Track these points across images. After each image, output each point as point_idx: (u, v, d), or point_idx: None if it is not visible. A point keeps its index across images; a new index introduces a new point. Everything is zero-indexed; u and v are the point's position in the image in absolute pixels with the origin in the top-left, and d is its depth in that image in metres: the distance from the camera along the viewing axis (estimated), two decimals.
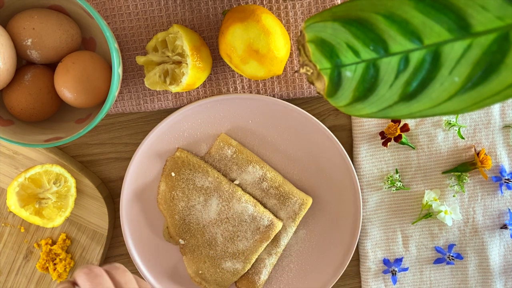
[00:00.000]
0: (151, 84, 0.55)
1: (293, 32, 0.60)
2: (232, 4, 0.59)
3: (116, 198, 0.65)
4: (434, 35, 0.31)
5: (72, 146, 0.64)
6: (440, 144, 0.62)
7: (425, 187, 0.63)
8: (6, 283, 0.63)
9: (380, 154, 0.62)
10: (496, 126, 0.62)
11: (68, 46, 0.54)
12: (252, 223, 0.60)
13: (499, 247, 0.63)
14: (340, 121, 0.63)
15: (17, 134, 0.53)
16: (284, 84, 0.60)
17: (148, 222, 0.62)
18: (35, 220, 0.60)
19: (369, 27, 0.34)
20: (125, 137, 0.64)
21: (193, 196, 0.61)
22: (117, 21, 0.59)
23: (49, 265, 0.62)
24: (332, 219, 0.62)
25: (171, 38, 0.54)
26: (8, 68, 0.51)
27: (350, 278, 0.65)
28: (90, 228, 0.63)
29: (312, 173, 0.61)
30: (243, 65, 0.54)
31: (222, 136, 0.61)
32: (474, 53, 0.30)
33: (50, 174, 0.60)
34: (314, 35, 0.36)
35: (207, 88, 0.61)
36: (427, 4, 0.31)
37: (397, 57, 0.33)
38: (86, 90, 0.52)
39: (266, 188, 0.61)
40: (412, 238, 0.63)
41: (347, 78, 0.36)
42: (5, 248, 0.63)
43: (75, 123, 0.56)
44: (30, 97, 0.53)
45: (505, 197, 0.63)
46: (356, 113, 0.37)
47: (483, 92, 0.31)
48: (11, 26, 0.53)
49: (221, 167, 0.61)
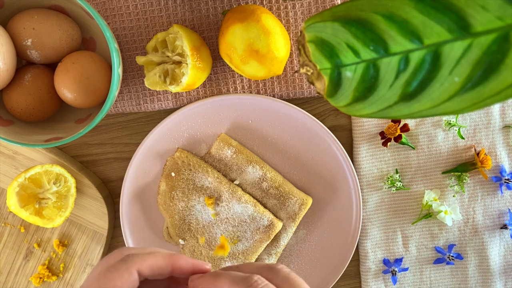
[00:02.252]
0: (151, 84, 0.55)
1: (293, 32, 0.60)
2: (232, 4, 0.59)
3: (116, 198, 0.65)
4: (434, 35, 0.31)
5: (72, 146, 0.64)
6: (440, 144, 0.62)
7: (425, 187, 0.63)
8: (6, 283, 0.63)
9: (380, 154, 0.62)
10: (496, 126, 0.62)
11: (68, 46, 0.54)
12: (252, 223, 0.60)
13: (499, 247, 0.63)
14: (340, 121, 0.63)
15: (17, 134, 0.53)
16: (284, 84, 0.60)
17: (148, 222, 0.62)
18: (35, 220, 0.60)
19: (369, 27, 0.34)
20: (125, 137, 0.64)
21: (193, 196, 0.61)
22: (117, 21, 0.59)
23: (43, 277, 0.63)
24: (332, 219, 0.62)
25: (171, 38, 0.54)
26: (8, 68, 0.51)
27: (350, 278, 0.65)
28: (90, 228, 0.63)
29: (312, 173, 0.61)
30: (243, 65, 0.54)
31: (222, 136, 0.61)
32: (474, 53, 0.30)
33: (50, 174, 0.60)
34: (314, 35, 0.36)
35: (207, 88, 0.61)
36: (427, 4, 0.31)
37: (397, 57, 0.33)
38: (86, 90, 0.52)
39: (266, 188, 0.61)
40: (412, 238, 0.63)
41: (347, 78, 0.36)
42: (5, 248, 0.63)
43: (75, 123, 0.56)
44: (30, 97, 0.53)
45: (505, 197, 0.63)
46: (356, 113, 0.37)
47: (483, 92, 0.31)
48: (11, 26, 0.53)
49: (221, 167, 0.61)
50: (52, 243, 0.63)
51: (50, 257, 0.63)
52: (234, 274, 0.34)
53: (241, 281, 0.33)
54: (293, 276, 0.34)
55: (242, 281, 0.32)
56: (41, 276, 0.63)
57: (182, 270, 0.35)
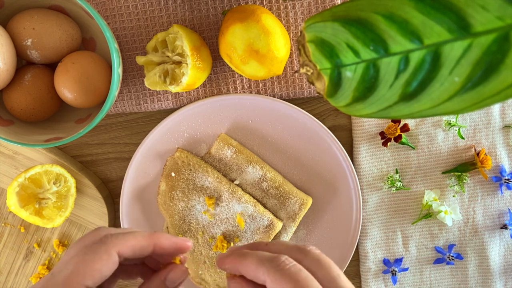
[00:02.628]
0: (151, 84, 0.55)
1: (293, 32, 0.60)
2: (232, 4, 0.59)
3: (116, 198, 0.65)
4: (434, 35, 0.31)
5: (72, 146, 0.64)
6: (440, 144, 0.62)
7: (425, 187, 0.63)
8: (6, 283, 0.63)
9: (380, 154, 0.62)
10: (496, 126, 0.62)
11: (68, 46, 0.54)
12: (252, 223, 0.60)
13: (499, 247, 0.63)
14: (340, 121, 0.63)
15: (17, 134, 0.53)
16: (284, 84, 0.60)
17: (148, 222, 0.62)
18: (35, 220, 0.60)
19: (369, 27, 0.34)
20: (125, 137, 0.64)
21: (193, 196, 0.61)
22: (117, 21, 0.59)
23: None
24: (332, 219, 0.62)
25: (171, 38, 0.54)
26: (8, 68, 0.51)
27: (350, 278, 0.65)
28: (90, 228, 0.63)
29: (312, 173, 0.61)
30: (243, 65, 0.54)
31: (222, 136, 0.61)
32: (474, 53, 0.30)
33: (50, 174, 0.60)
34: (314, 35, 0.36)
35: (207, 88, 0.61)
36: (427, 4, 0.31)
37: (397, 57, 0.33)
38: (86, 90, 0.52)
39: (266, 188, 0.61)
40: (412, 238, 0.63)
41: (347, 78, 0.36)
42: (5, 248, 0.63)
43: (75, 123, 0.56)
44: (30, 97, 0.53)
45: (505, 197, 0.63)
46: (356, 113, 0.37)
47: (483, 92, 0.31)
48: (11, 26, 0.53)
49: (221, 167, 0.61)
50: (52, 243, 0.63)
51: (50, 257, 0.63)
52: (261, 254, 0.33)
53: (268, 261, 0.32)
54: (323, 257, 0.33)
55: (269, 261, 0.32)
56: (41, 276, 0.63)
57: (164, 248, 0.34)
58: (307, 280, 0.30)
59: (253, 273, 0.32)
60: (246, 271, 0.32)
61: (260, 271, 0.31)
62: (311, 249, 0.33)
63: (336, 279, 0.31)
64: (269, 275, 0.31)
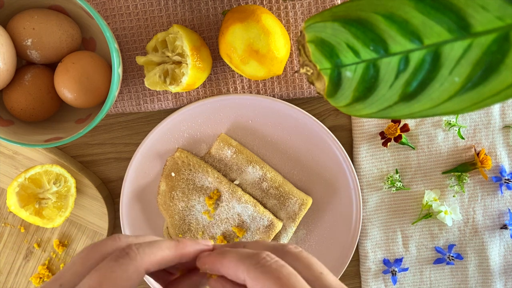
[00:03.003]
0: (151, 84, 0.55)
1: (293, 32, 0.60)
2: (232, 4, 0.59)
3: (116, 198, 0.65)
4: (434, 35, 0.31)
5: (72, 146, 0.64)
6: (440, 144, 0.62)
7: (425, 187, 0.63)
8: (6, 283, 0.63)
9: (380, 154, 0.62)
10: (496, 126, 0.62)
11: (68, 46, 0.54)
12: (252, 223, 0.60)
13: (499, 247, 0.63)
14: (340, 121, 0.63)
15: (17, 134, 0.53)
16: (284, 84, 0.60)
17: (148, 222, 0.62)
18: (35, 220, 0.60)
19: (369, 27, 0.34)
20: (125, 137, 0.64)
21: (193, 196, 0.61)
22: (117, 21, 0.59)
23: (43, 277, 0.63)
24: (332, 219, 0.62)
25: (171, 38, 0.54)
26: (8, 68, 0.51)
27: (350, 278, 0.65)
28: (90, 228, 0.63)
29: (312, 173, 0.61)
30: (243, 65, 0.54)
31: (222, 136, 0.61)
32: (474, 53, 0.30)
33: (50, 174, 0.60)
34: (314, 35, 0.36)
35: (207, 88, 0.61)
36: (427, 4, 0.31)
37: (397, 57, 0.33)
38: (86, 90, 0.52)
39: (266, 188, 0.61)
40: (412, 238, 0.63)
41: (347, 78, 0.36)
42: (5, 248, 0.63)
43: (75, 123, 0.56)
44: (30, 97, 0.53)
45: (505, 197, 0.63)
46: (356, 113, 0.37)
47: (483, 92, 0.31)
48: (11, 26, 0.53)
49: (221, 167, 0.61)
50: (52, 243, 0.63)
51: (50, 257, 0.63)
52: (241, 251, 0.30)
53: (248, 258, 0.29)
54: (304, 255, 0.30)
55: (250, 258, 0.29)
56: (41, 276, 0.63)
57: (190, 257, 0.32)
58: (290, 276, 0.28)
59: (233, 272, 0.30)
60: (226, 271, 0.30)
61: (239, 269, 0.29)
62: (290, 248, 0.31)
63: (319, 277, 0.29)
64: (248, 273, 0.28)
